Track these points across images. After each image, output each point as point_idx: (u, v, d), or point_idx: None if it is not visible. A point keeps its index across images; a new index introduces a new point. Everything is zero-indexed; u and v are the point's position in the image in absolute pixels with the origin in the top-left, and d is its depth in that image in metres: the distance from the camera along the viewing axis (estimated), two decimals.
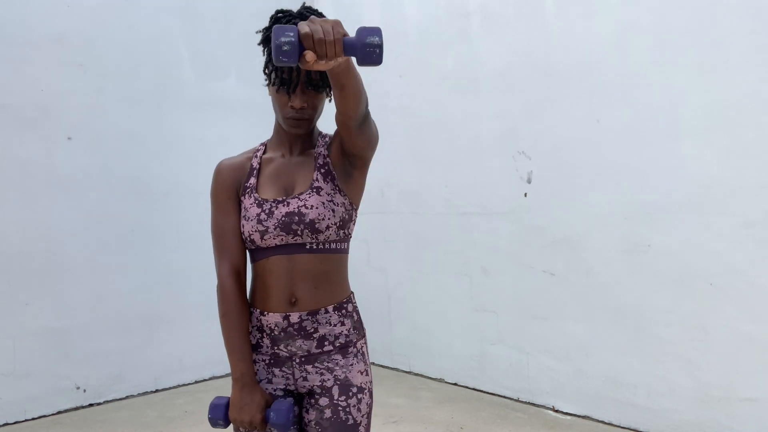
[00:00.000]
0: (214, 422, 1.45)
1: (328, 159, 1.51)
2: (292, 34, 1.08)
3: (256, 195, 1.49)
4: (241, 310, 1.47)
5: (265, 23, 1.50)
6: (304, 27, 1.10)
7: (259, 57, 1.53)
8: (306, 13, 1.44)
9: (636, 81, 3.21)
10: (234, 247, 1.49)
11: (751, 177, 2.85)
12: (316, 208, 1.45)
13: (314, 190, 1.47)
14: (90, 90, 4.04)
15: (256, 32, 1.51)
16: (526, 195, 3.74)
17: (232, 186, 1.53)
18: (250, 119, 4.70)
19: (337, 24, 1.11)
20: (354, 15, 4.76)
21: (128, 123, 4.20)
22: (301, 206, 1.45)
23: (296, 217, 1.44)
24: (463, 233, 4.11)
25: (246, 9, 4.76)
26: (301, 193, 1.47)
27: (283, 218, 1.44)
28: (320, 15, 1.47)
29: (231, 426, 1.53)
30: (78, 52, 3.99)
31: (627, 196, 3.28)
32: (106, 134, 4.10)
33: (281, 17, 1.44)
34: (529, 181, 3.73)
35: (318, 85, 1.43)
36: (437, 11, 4.21)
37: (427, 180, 4.33)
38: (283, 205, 1.46)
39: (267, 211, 1.46)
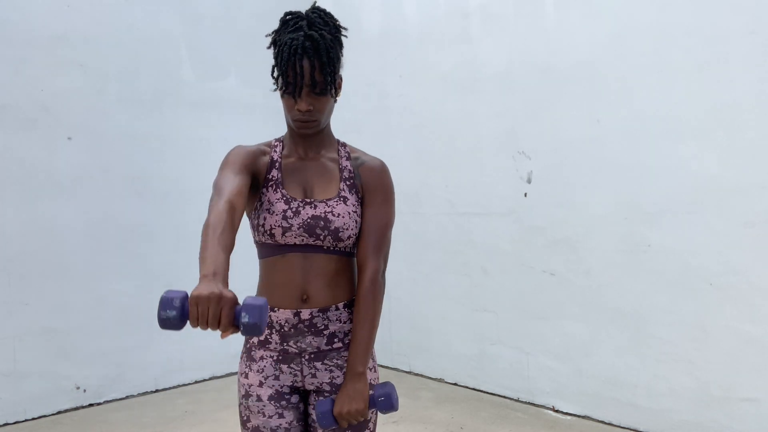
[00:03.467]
0: (165, 317, 1.12)
1: (353, 175, 1.54)
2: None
3: (283, 191, 1.48)
4: (226, 227, 1.26)
5: (266, 23, 1.50)
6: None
7: (259, 56, 1.53)
8: (313, 14, 1.45)
9: (636, 81, 3.21)
10: (234, 191, 1.34)
11: (751, 177, 2.85)
12: (343, 217, 1.47)
13: (341, 199, 1.49)
14: (90, 90, 4.04)
15: (266, 36, 1.51)
16: (526, 195, 3.74)
17: (252, 161, 1.48)
18: (250, 119, 4.70)
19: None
20: (354, 15, 4.76)
21: (128, 123, 4.19)
22: (328, 212, 1.47)
23: (322, 222, 1.46)
24: (463, 233, 4.11)
25: (246, 9, 4.76)
26: (329, 199, 1.48)
27: (308, 220, 1.45)
28: (329, 16, 1.48)
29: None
30: (78, 52, 3.99)
31: (627, 196, 3.28)
32: (106, 134, 4.10)
33: (289, 20, 1.45)
34: (529, 181, 3.73)
35: (323, 89, 1.42)
36: (437, 11, 4.21)
37: (427, 180, 4.33)
38: (311, 207, 1.47)
39: (294, 210, 1.46)
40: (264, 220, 1.46)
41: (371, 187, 1.53)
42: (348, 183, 1.52)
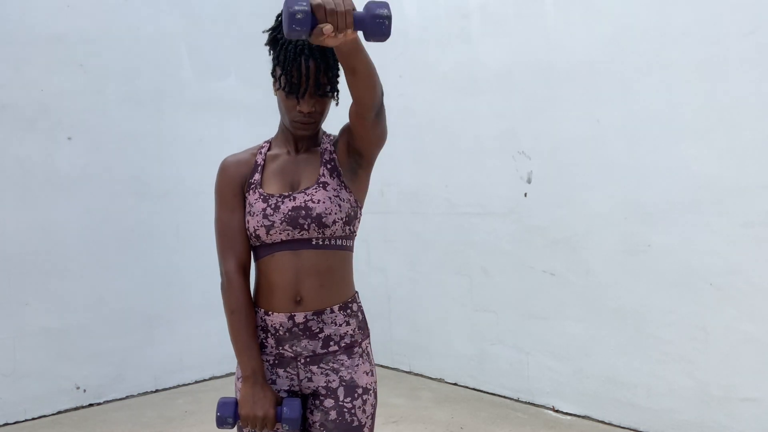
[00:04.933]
0: (222, 420, 1.41)
1: (334, 155, 1.52)
2: (305, 3, 1.09)
3: (261, 190, 1.48)
4: (249, 307, 1.47)
5: (266, 23, 1.48)
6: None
7: (259, 56, 1.53)
8: None
9: (636, 81, 3.21)
10: (240, 244, 1.49)
11: (751, 177, 2.84)
12: (323, 202, 1.45)
13: (320, 185, 1.47)
14: (90, 90, 4.04)
15: (263, 32, 1.49)
16: (526, 195, 3.74)
17: (237, 182, 1.52)
18: (250, 119, 4.70)
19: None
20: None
21: (128, 123, 4.20)
22: (308, 200, 1.45)
23: (303, 211, 1.44)
24: (463, 233, 4.11)
25: (246, 9, 4.76)
26: (308, 188, 1.47)
27: (289, 212, 1.44)
28: None
29: (235, 428, 1.52)
30: (78, 52, 3.99)
31: (627, 196, 3.28)
32: (106, 134, 4.10)
33: None
34: (529, 181, 3.73)
35: (326, 90, 1.43)
36: (437, 11, 4.21)
37: (427, 180, 4.33)
38: (290, 200, 1.46)
39: (273, 206, 1.45)
40: (248, 223, 1.47)
41: (343, 137, 1.53)
42: (329, 166, 1.50)
